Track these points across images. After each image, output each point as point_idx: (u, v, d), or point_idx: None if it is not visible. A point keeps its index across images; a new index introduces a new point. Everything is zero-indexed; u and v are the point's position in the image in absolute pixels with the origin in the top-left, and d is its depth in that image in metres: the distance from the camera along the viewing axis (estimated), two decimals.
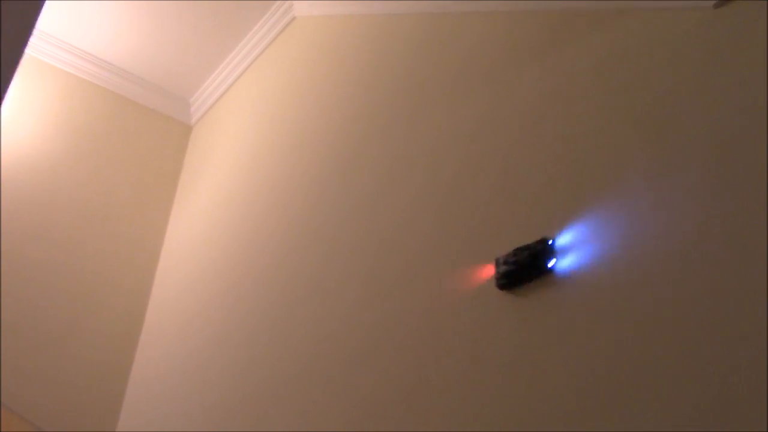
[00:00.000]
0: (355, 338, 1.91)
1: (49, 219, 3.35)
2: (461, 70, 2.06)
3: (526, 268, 1.45)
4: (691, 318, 1.10)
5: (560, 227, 1.45)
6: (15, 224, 3.25)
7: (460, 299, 1.62)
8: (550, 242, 1.45)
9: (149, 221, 3.62)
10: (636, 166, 1.37)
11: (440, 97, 2.09)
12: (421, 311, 1.73)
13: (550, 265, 1.42)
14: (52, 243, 3.31)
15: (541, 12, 1.84)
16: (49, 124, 3.55)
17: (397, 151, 2.15)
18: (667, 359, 1.10)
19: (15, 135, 3.42)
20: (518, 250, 1.49)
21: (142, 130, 3.80)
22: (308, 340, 2.11)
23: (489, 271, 1.55)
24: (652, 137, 1.37)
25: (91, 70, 3.71)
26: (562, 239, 1.44)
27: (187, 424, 2.56)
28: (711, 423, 0.98)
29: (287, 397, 2.08)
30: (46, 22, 3.47)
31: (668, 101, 1.38)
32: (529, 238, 1.50)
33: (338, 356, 1.95)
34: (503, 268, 1.50)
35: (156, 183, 3.72)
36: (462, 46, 2.12)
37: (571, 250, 1.41)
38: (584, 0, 1.69)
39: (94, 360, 3.25)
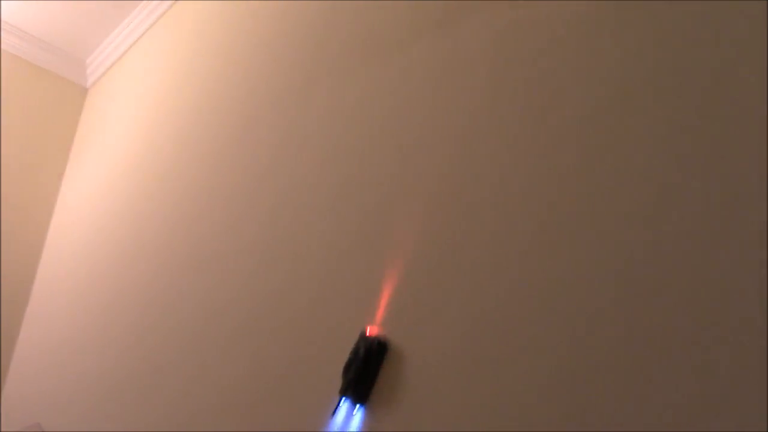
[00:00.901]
0: (245, 308, 1.94)
1: None
2: (358, 41, 2.09)
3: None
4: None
5: None
6: None
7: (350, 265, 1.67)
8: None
9: (41, 183, 3.53)
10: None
11: (335, 67, 2.12)
12: (310, 283, 1.76)
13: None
14: None
15: None
16: None
17: (289, 122, 2.18)
18: None
19: None
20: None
21: (36, 90, 3.68)
22: (199, 309, 2.13)
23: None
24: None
25: None
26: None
27: (73, 397, 2.55)
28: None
29: (179, 366, 2.09)
30: None
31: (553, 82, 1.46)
32: None
33: (228, 326, 1.97)
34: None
35: (49, 145, 3.62)
36: (359, 19, 2.14)
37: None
38: None
39: None
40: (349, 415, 1.39)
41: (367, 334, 1.42)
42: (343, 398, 1.39)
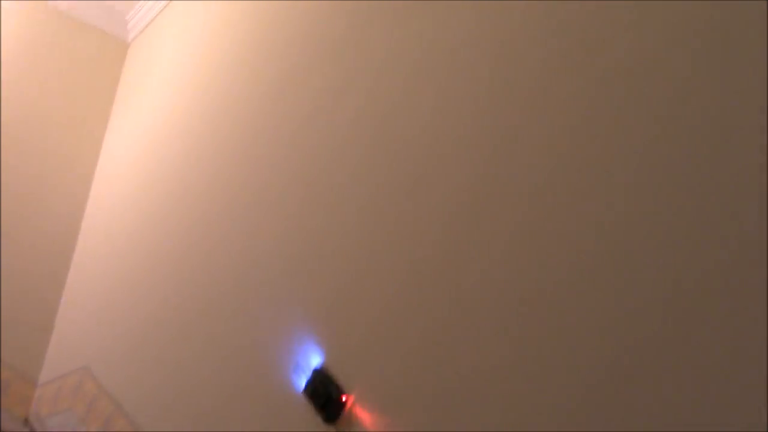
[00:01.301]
0: (289, 250, 1.98)
1: None
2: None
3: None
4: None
5: None
6: None
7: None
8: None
9: (84, 136, 3.61)
10: None
11: (384, 16, 2.11)
12: (354, 223, 1.80)
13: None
14: None
15: None
16: None
17: (333, 71, 2.19)
18: None
19: None
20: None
21: (77, 45, 3.74)
22: (240, 253, 2.19)
23: None
24: None
25: None
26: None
27: (120, 342, 2.65)
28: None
29: (223, 307, 2.17)
30: None
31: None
32: None
33: (276, 265, 2.02)
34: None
35: (91, 99, 3.70)
36: None
37: None
38: None
39: (27, 274, 3.29)
40: None
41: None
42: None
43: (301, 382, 1.65)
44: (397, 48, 1.90)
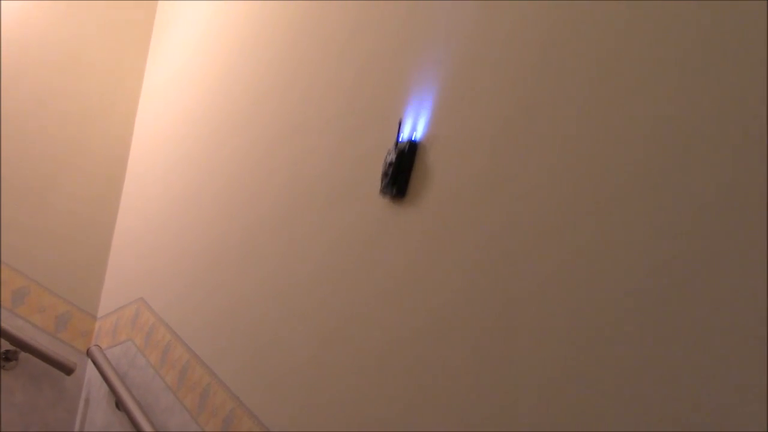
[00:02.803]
0: (335, 178, 1.96)
1: (21, 74, 3.32)
2: None
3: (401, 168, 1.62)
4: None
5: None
6: None
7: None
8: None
9: (124, 74, 3.60)
10: None
11: None
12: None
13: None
14: (26, 101, 3.30)
15: None
16: None
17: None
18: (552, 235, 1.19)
19: None
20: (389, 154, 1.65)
21: None
22: (288, 182, 2.17)
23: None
24: None
25: None
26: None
27: (173, 273, 2.68)
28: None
29: (269, 237, 2.17)
30: None
31: None
32: None
33: (318, 196, 2.01)
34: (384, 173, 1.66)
35: (128, 36, 3.67)
36: None
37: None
38: None
39: (80, 213, 3.34)
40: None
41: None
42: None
43: None
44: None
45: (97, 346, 2.97)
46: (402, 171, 1.62)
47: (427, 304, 1.47)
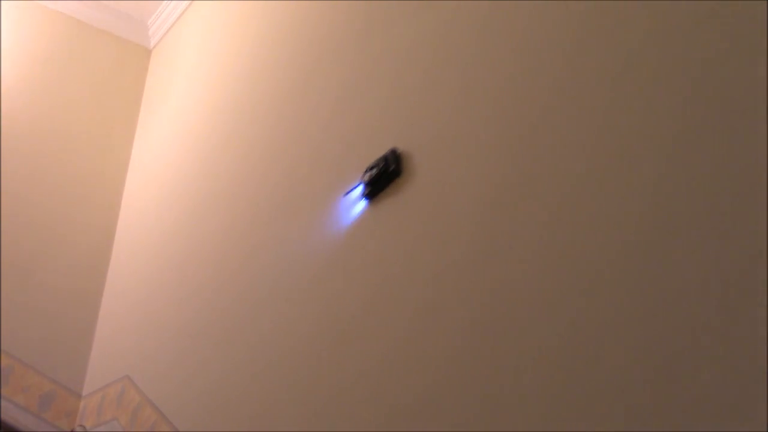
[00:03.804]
0: (318, 255, 1.96)
1: (6, 147, 3.32)
2: None
3: (382, 176, 1.75)
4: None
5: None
6: None
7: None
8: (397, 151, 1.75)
9: (112, 146, 3.61)
10: None
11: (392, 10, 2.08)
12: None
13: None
14: (11, 173, 3.29)
15: None
16: (4, 51, 3.47)
17: (348, 70, 2.16)
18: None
19: None
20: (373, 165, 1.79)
21: (100, 54, 3.74)
22: (275, 258, 2.17)
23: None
24: None
25: None
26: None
27: (159, 349, 2.63)
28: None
29: (256, 310, 2.14)
30: None
31: None
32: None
33: (303, 275, 2.00)
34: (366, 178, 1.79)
35: (117, 108, 3.69)
36: None
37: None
38: None
39: (64, 288, 3.29)
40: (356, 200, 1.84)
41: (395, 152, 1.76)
42: (360, 184, 1.82)
43: None
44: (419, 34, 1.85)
45: (82, 426, 2.89)
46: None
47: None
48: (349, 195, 1.85)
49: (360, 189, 1.82)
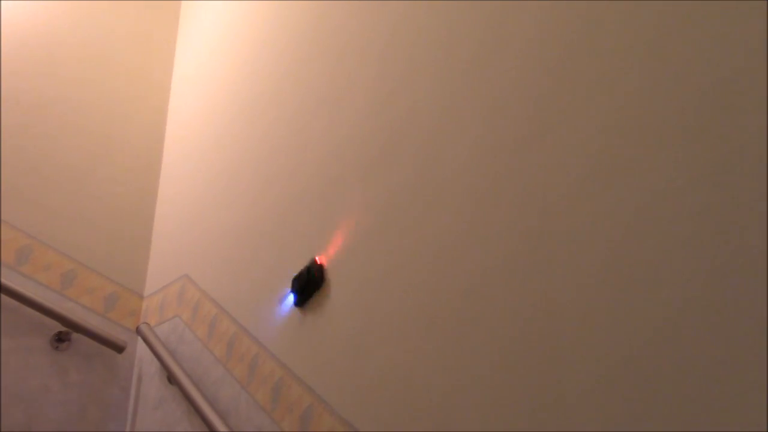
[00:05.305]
0: (367, 142, 1.96)
1: (54, 57, 3.37)
2: None
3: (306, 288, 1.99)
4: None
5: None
6: (19, 64, 3.29)
7: None
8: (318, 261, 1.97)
9: (155, 51, 3.61)
10: None
11: None
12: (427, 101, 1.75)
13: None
14: (60, 80, 3.35)
15: None
16: None
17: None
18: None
19: None
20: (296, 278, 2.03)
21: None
22: (323, 150, 2.18)
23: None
24: None
25: None
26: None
27: (215, 248, 2.70)
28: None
29: (307, 205, 2.17)
30: None
31: None
32: None
33: (351, 161, 2.01)
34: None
35: (160, 13, 3.69)
36: None
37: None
38: None
39: (121, 195, 3.38)
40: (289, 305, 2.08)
41: (317, 261, 2.00)
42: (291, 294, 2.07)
43: None
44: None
45: (146, 323, 3.00)
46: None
47: None
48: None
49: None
